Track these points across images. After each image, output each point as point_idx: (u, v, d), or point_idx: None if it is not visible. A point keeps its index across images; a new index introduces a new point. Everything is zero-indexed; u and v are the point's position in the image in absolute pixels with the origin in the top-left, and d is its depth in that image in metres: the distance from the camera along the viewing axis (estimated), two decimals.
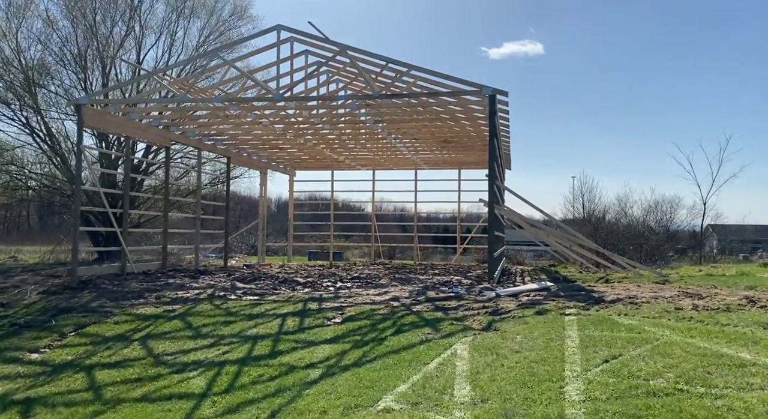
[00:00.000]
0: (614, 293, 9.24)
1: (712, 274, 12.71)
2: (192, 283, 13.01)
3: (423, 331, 7.40)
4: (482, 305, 8.61)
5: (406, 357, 6.30)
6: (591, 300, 8.35)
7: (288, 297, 10.94)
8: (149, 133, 15.74)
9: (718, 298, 7.61)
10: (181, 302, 10.94)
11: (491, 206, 12.70)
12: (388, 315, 8.75)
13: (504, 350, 5.80)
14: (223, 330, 8.76)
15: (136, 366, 7.37)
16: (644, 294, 8.67)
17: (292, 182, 23.94)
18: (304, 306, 9.96)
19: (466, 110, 14.62)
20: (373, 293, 11.01)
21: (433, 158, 22.55)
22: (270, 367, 6.87)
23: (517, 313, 7.72)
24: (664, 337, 5.42)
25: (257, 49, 14.41)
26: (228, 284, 12.77)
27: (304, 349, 7.43)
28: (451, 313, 8.40)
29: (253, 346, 7.84)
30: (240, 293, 11.74)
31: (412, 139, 18.49)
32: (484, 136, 17.12)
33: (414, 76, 13.41)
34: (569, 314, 7.24)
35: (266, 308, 9.99)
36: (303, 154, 21.53)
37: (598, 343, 5.48)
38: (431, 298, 9.90)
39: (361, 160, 23.18)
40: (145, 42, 23.52)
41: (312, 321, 8.88)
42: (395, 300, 9.95)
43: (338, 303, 10.01)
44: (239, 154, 19.96)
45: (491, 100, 12.71)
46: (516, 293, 9.76)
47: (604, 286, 10.61)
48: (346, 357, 6.82)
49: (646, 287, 10.11)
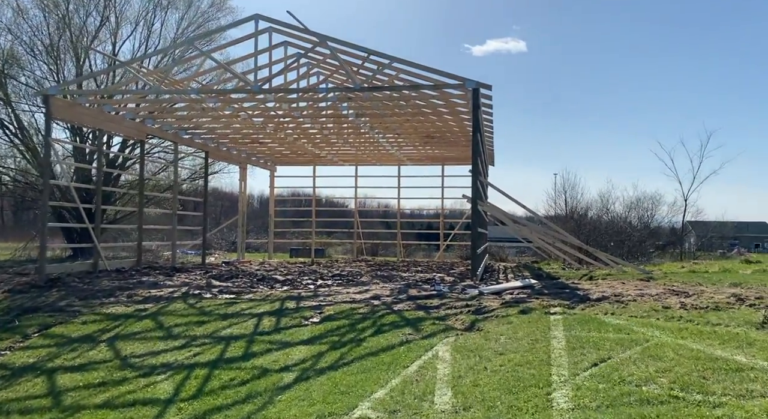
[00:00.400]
0: (599, 290, 9.02)
1: (695, 271, 12.59)
2: (166, 281, 12.55)
3: (403, 331, 7.09)
4: (465, 304, 8.32)
5: (385, 359, 5.98)
6: (576, 298, 8.11)
7: (265, 296, 10.56)
8: (123, 126, 15.18)
9: (705, 296, 7.41)
10: (154, 301, 10.52)
11: (474, 203, 12.43)
12: (368, 315, 8.43)
13: (487, 352, 5.51)
14: (196, 331, 8.37)
15: (101, 370, 6.96)
16: (630, 292, 8.46)
17: (273, 178, 23.48)
18: (282, 305, 9.60)
19: (448, 104, 14.33)
20: (353, 292, 10.67)
21: (417, 154, 22.25)
22: (242, 370, 6.50)
23: (501, 312, 7.45)
24: (655, 338, 5.16)
25: (234, 40, 13.97)
26: (203, 282, 12.34)
27: (279, 351, 7.08)
28: (433, 312, 8.10)
29: (226, 348, 7.46)
30: (216, 291, 11.33)
31: (394, 134, 18.16)
32: (467, 131, 16.85)
33: (396, 68, 13.07)
34: (554, 313, 6.97)
35: (242, 308, 9.61)
36: (284, 149, 21.08)
37: (586, 345, 5.20)
38: (413, 296, 9.59)
39: (343, 155, 22.79)
40: (121, 33, 22.88)
41: (289, 320, 8.53)
42: (376, 299, 9.63)
43: (317, 302, 9.66)
44: (218, 148, 19.45)
45: (474, 94, 12.42)
46: (499, 291, 9.49)
47: (589, 283, 10.40)
48: (323, 359, 6.48)
49: (630, 284, 9.91)
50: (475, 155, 12.73)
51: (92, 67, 21.79)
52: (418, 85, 12.71)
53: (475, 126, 12.54)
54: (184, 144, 17.97)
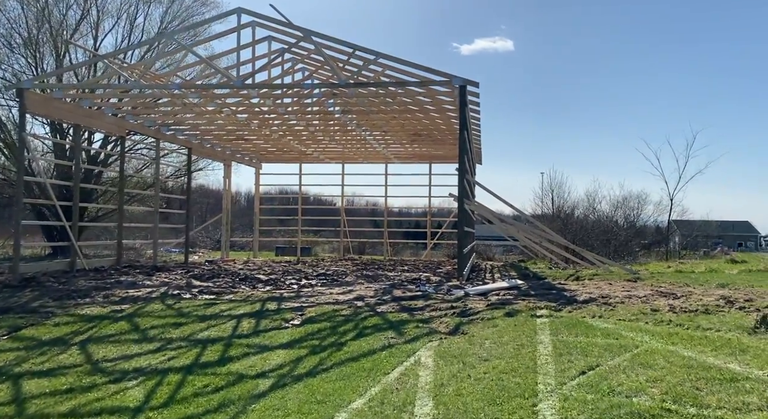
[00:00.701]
0: (586, 291, 8.84)
1: (682, 271, 12.48)
2: (145, 281, 12.20)
3: (386, 335, 6.84)
4: (450, 306, 8.10)
5: (366, 365, 5.72)
6: (563, 300, 7.91)
7: (246, 296, 10.27)
8: (103, 121, 14.76)
9: (693, 298, 7.25)
10: (131, 301, 10.20)
11: (461, 201, 12.21)
12: (350, 317, 8.17)
13: (471, 358, 5.27)
14: (172, 333, 8.06)
15: (70, 375, 6.63)
16: (617, 293, 8.28)
17: (258, 175, 23.11)
18: (262, 306, 9.32)
19: (435, 101, 14.09)
20: (337, 292, 10.41)
21: (404, 152, 22.00)
22: (217, 376, 6.22)
23: (487, 314, 7.22)
24: (644, 344, 4.96)
25: (217, 34, 13.64)
26: (183, 282, 12.01)
27: (257, 355, 6.80)
28: (417, 314, 7.87)
29: (203, 351, 7.17)
30: (195, 291, 11.02)
31: (381, 131, 17.90)
32: (455, 129, 16.64)
33: (382, 64, 12.80)
34: (541, 316, 6.76)
35: (221, 309, 9.32)
36: (269, 145, 20.73)
37: (573, 350, 4.99)
38: (397, 297, 9.35)
39: (329, 153, 22.49)
40: (103, 27, 22.35)
41: (269, 322, 8.25)
42: (360, 300, 9.37)
43: (299, 303, 9.39)
44: (201, 145, 19.05)
45: (462, 91, 12.19)
46: (485, 292, 9.28)
47: (575, 284, 10.22)
48: (301, 364, 6.21)
49: (618, 285, 9.75)
50: (462, 153, 12.51)
51: (72, 61, 21.26)
52: (405, 82, 12.46)
53: (462, 124, 12.31)
54: (167, 140, 17.57)
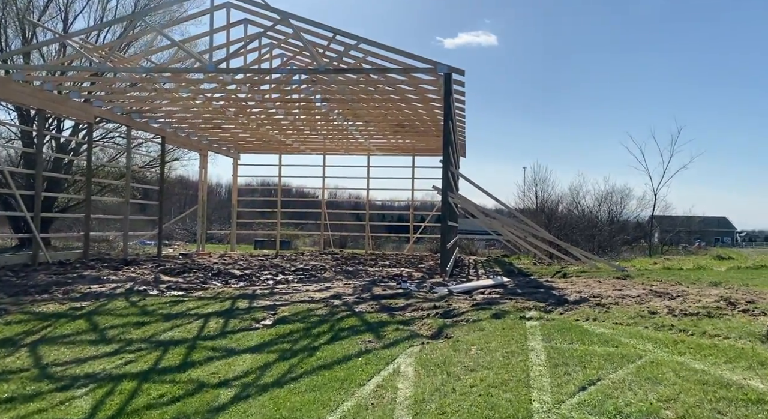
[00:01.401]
0: (575, 290, 8.34)
1: (670, 268, 12.10)
2: (111, 275, 11.44)
3: (363, 338, 6.24)
4: (433, 305, 7.53)
5: (340, 374, 5.13)
6: (552, 300, 7.39)
7: (216, 293, 9.60)
8: (68, 106, 13.88)
9: (691, 299, 6.79)
10: (93, 297, 9.48)
11: (445, 194, 11.64)
12: (326, 317, 7.56)
13: (457, 367, 4.70)
14: (133, 333, 7.38)
15: (13, 381, 5.93)
16: (609, 293, 7.79)
17: (236, 166, 22.30)
18: (233, 305, 8.66)
19: (419, 90, 13.47)
20: (313, 289, 9.79)
21: (386, 144, 21.38)
22: (175, 384, 5.57)
23: (472, 316, 6.67)
24: (648, 353, 4.43)
25: (190, 16, 12.81)
26: (152, 277, 11.27)
27: (222, 360, 6.16)
28: (398, 314, 7.28)
29: (163, 355, 6.51)
30: (163, 287, 10.32)
31: (363, 122, 17.24)
32: (438, 120, 16.06)
33: (364, 51, 12.12)
34: (530, 318, 6.22)
35: (188, 307, 8.64)
36: (248, 135, 19.95)
37: (570, 360, 4.45)
38: (377, 295, 8.76)
39: (310, 144, 21.77)
40: (75, 9, 21.24)
41: (238, 323, 7.61)
42: (337, 298, 8.76)
43: (272, 301, 8.76)
44: (176, 134, 18.20)
45: (446, 79, 11.60)
46: (470, 290, 8.73)
47: (564, 282, 9.73)
48: (269, 371, 5.59)
49: (607, 283, 9.28)
50: (446, 144, 11.93)
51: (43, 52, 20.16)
52: (387, 69, 11.81)
53: (446, 113, 11.72)
54: (139, 128, 16.70)
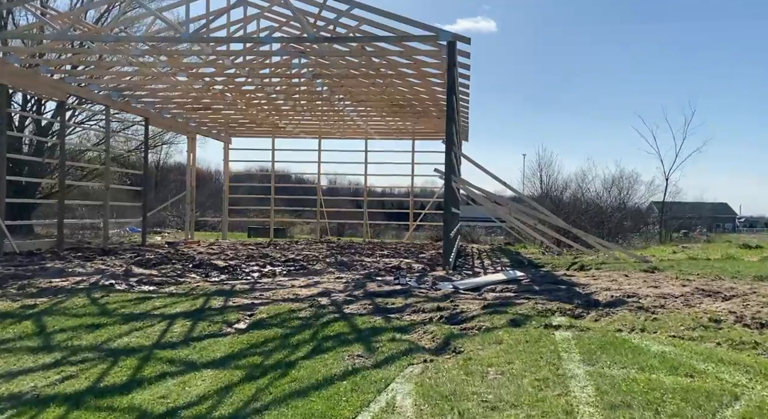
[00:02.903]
0: (602, 287, 7.07)
1: (695, 258, 10.82)
2: (78, 268, 10.16)
3: (351, 351, 4.97)
4: (436, 306, 6.24)
5: (317, 406, 3.86)
6: (579, 300, 6.11)
7: (191, 289, 8.34)
8: (36, 82, 12.49)
9: (753, 301, 5.50)
10: (51, 293, 8.24)
11: (448, 178, 10.32)
12: (310, 320, 6.29)
13: (472, 402, 3.43)
14: (83, 339, 6.12)
15: None
16: (644, 291, 6.52)
17: (227, 151, 20.92)
18: (205, 303, 7.40)
19: (417, 64, 12.07)
20: (300, 284, 8.51)
21: (385, 127, 19.99)
22: (112, 413, 4.32)
23: (484, 321, 5.39)
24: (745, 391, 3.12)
25: None
26: (123, 269, 9.99)
27: (178, 377, 4.90)
28: (394, 318, 6.01)
29: (110, 368, 5.25)
30: (134, 281, 9.05)
31: (359, 101, 15.85)
32: (438, 98, 14.68)
33: (358, 18, 10.70)
34: (558, 326, 4.95)
35: (155, 306, 7.39)
36: (241, 116, 18.55)
37: (632, 399, 3.15)
38: (371, 293, 7.48)
39: (305, 127, 20.38)
40: None
41: (207, 326, 6.34)
42: (325, 296, 7.49)
43: (251, 299, 7.50)
44: (160, 115, 16.80)
45: (450, 49, 10.21)
46: (478, 287, 7.45)
47: (584, 276, 8.45)
48: (229, 397, 4.32)
49: (635, 277, 8.00)
50: (449, 121, 10.56)
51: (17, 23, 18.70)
52: (383, 37, 10.41)
53: (450, 86, 10.35)
54: (119, 109, 15.32)
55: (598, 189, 19.48)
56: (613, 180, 20.12)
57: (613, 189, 19.57)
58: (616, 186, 20.43)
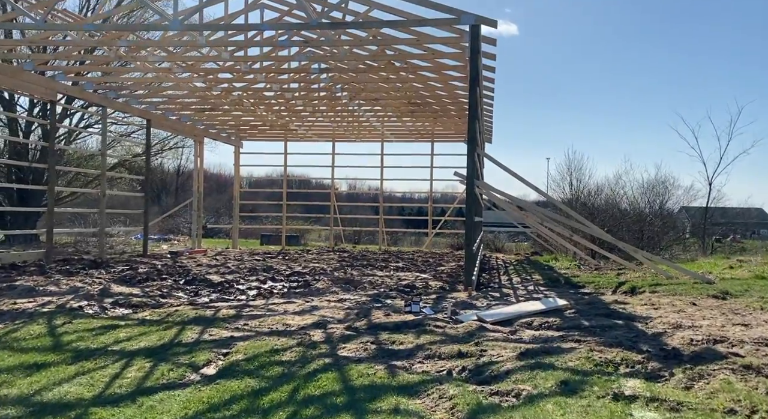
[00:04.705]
0: (670, 322, 5.45)
1: (764, 276, 9.06)
2: (51, 286, 8.88)
3: None
4: (457, 351, 4.72)
5: None
6: (649, 347, 4.52)
7: (167, 315, 6.96)
8: (22, 81, 11.33)
9: None
10: (9, 318, 7.02)
11: (471, 183, 8.77)
12: (294, 366, 4.83)
13: None
14: (15, 386, 4.80)
15: None
16: (730, 330, 4.90)
17: (238, 155, 19.66)
18: (178, 335, 6.01)
19: (436, 55, 10.55)
20: (294, 309, 7.07)
21: (402, 128, 18.50)
22: None
23: (524, 382, 3.85)
24: None
25: None
26: (101, 287, 8.66)
27: None
28: (401, 368, 4.50)
29: None
30: (109, 303, 7.74)
31: (372, 101, 14.41)
32: (457, 95, 13.15)
33: (368, 1, 9.23)
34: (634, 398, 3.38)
35: (118, 338, 6.04)
36: (252, 119, 17.28)
37: None
38: (376, 325, 5.98)
39: (318, 129, 19.04)
40: None
41: (168, 371, 4.93)
42: (320, 327, 6.02)
43: (232, 330, 6.09)
44: (163, 116, 15.59)
45: (473, 34, 8.68)
46: (509, 319, 5.89)
47: (639, 302, 6.81)
48: None
49: (705, 305, 6.34)
50: (472, 119, 9.02)
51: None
52: (394, 22, 8.93)
53: (473, 78, 8.80)
54: (117, 109, 14.15)
55: (633, 194, 17.69)
56: (648, 185, 18.26)
57: (649, 194, 17.72)
58: (652, 191, 18.56)
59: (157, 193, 42.53)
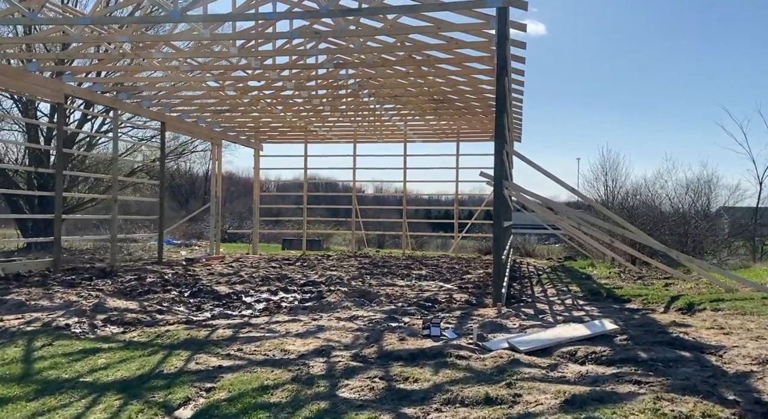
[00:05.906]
0: (752, 355, 4.35)
1: None
2: (44, 300, 8.19)
3: None
4: (484, 395, 3.72)
5: None
6: (736, 396, 3.45)
7: (157, 335, 6.16)
8: (26, 82, 10.79)
9: None
10: None
11: (499, 183, 7.74)
12: (282, 411, 3.91)
13: None
14: None
15: None
16: None
17: (258, 158, 18.97)
18: (162, 362, 5.19)
19: (459, 45, 9.53)
20: (297, 330, 6.17)
21: (425, 128, 17.52)
22: None
23: None
24: None
25: None
26: (93, 303, 7.92)
27: None
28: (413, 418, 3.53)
29: None
30: (100, 320, 7.01)
31: (392, 98, 13.46)
32: (481, 89, 12.10)
33: None
34: None
35: (96, 365, 5.27)
36: (272, 121, 16.56)
37: None
38: (388, 353, 5.02)
39: (338, 131, 18.21)
40: None
41: (136, 413, 4.08)
42: (323, 354, 5.09)
43: (222, 357, 5.24)
44: (179, 119, 14.96)
45: (501, 18, 7.64)
46: (547, 347, 4.85)
47: (702, 323, 5.68)
48: None
49: None
50: (499, 113, 7.97)
51: None
52: (411, 6, 7.96)
53: (500, 67, 7.77)
54: (130, 111, 13.56)
55: (676, 194, 16.26)
56: (692, 184, 16.80)
57: (693, 194, 16.27)
58: (693, 190, 17.08)
59: (186, 197, 42.43)
